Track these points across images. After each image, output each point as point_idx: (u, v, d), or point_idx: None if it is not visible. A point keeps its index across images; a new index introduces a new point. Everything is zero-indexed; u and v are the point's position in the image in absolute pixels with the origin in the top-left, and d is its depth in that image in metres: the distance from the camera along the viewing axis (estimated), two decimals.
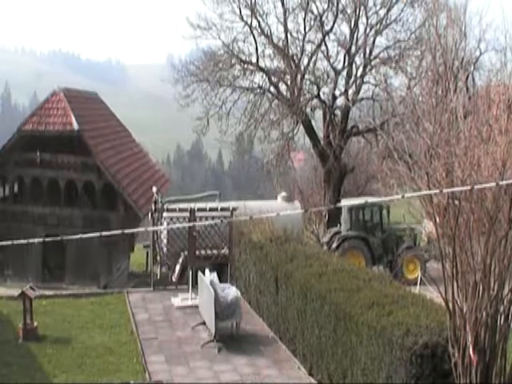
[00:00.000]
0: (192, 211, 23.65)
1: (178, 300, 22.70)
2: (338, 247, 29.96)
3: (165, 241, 26.26)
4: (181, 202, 27.67)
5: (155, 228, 24.16)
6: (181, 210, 24.33)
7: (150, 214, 25.71)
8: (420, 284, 24.66)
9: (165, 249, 25.90)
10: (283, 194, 32.20)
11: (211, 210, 24.60)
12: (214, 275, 19.57)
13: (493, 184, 9.95)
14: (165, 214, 25.49)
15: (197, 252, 23.65)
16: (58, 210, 36.30)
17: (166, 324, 20.63)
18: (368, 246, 30.41)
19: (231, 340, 18.75)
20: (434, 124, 11.10)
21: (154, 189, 27.32)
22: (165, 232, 25.87)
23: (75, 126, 35.43)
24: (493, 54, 29.57)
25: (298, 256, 18.44)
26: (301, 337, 17.05)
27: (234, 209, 24.15)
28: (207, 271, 19.89)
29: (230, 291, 19.02)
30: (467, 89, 13.52)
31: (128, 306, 22.39)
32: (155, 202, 25.89)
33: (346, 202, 31.32)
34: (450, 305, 10.96)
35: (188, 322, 20.56)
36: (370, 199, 31.16)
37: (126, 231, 11.53)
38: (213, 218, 23.16)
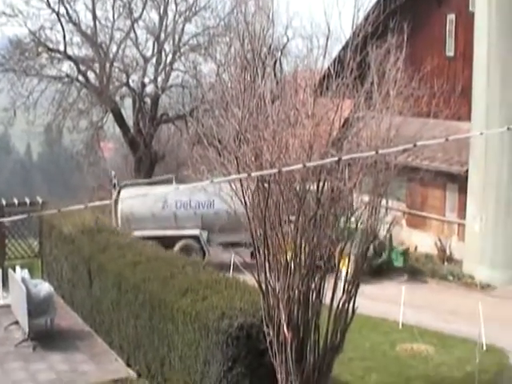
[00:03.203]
0: (1, 207, 23.06)
1: None
2: None
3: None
4: (138, 185, 27.10)
5: None
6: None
7: None
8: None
9: None
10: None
11: (20, 204, 23.91)
12: (26, 272, 18.96)
13: (300, 166, 10.17)
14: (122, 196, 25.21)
15: None
16: None
17: None
18: None
19: (46, 337, 18.16)
20: (243, 109, 11.21)
21: (113, 173, 26.94)
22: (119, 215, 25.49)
23: None
24: (300, 40, 30.37)
25: (111, 247, 18.10)
26: (117, 328, 16.80)
27: (44, 202, 23.56)
28: (18, 268, 19.24)
29: (43, 287, 18.47)
30: (275, 74, 13.80)
31: None
32: (114, 186, 25.78)
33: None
34: (263, 285, 11.15)
35: (0, 322, 19.78)
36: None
37: None
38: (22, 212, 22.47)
